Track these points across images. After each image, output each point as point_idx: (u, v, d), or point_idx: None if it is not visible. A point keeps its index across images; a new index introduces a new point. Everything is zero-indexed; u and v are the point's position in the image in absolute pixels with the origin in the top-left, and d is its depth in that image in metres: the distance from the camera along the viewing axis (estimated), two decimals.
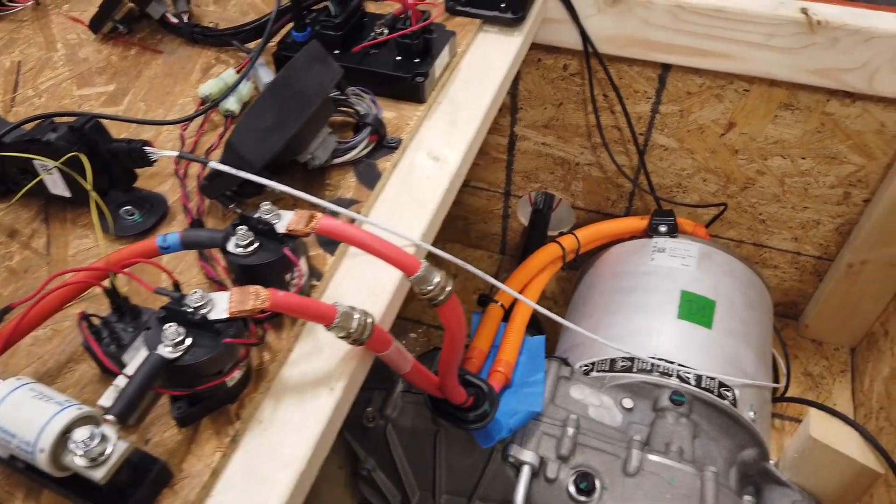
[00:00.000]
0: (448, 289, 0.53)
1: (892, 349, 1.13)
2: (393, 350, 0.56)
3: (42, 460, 0.40)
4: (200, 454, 0.47)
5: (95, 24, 0.84)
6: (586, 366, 0.93)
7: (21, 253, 0.61)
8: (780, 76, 0.99)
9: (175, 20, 0.83)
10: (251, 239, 0.51)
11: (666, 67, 1.05)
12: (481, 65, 0.82)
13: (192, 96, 0.76)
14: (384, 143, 0.70)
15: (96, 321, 0.50)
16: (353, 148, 0.67)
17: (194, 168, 0.68)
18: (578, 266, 1.16)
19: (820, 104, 1.02)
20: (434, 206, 0.66)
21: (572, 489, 0.78)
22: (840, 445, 0.84)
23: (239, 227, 0.51)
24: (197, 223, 0.62)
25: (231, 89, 0.68)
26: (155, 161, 0.60)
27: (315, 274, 0.58)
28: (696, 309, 0.96)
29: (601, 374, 0.91)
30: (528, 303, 0.73)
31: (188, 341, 0.45)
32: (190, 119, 0.69)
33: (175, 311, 0.46)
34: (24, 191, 0.58)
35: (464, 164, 0.72)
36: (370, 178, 0.67)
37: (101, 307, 0.54)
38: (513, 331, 0.91)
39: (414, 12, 0.74)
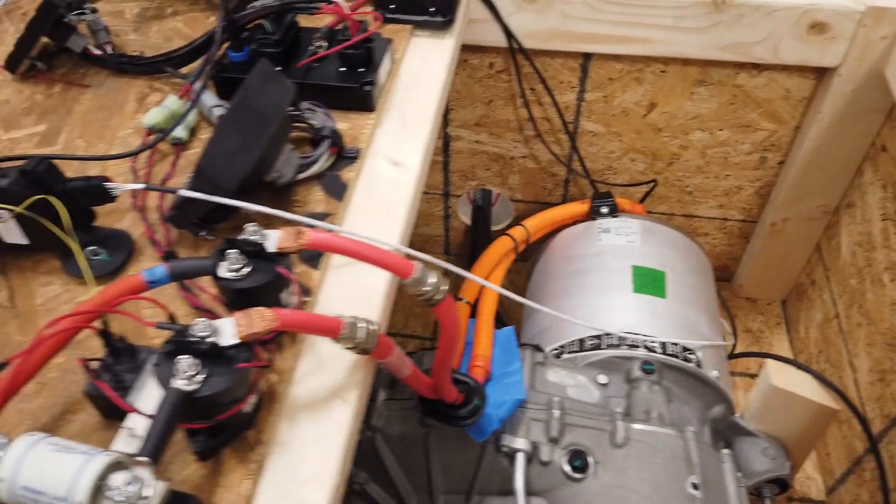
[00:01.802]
0: (444, 288, 0.54)
1: (821, 297, 1.22)
2: (395, 356, 0.56)
3: None
4: (229, 485, 0.46)
5: (11, 64, 0.79)
6: (556, 349, 0.96)
7: None
8: (692, 55, 1.05)
9: (98, 52, 0.80)
10: (244, 262, 0.50)
11: (587, 57, 1.10)
12: (420, 69, 0.83)
13: (131, 128, 0.73)
14: (343, 154, 0.69)
15: (94, 365, 0.47)
16: (314, 162, 0.67)
17: (151, 200, 0.65)
18: (528, 258, 1.19)
19: (730, 78, 1.09)
20: (405, 212, 0.67)
21: (567, 468, 0.80)
22: (799, 389, 0.90)
23: (229, 252, 0.50)
24: (170, 255, 0.59)
25: (183, 116, 0.66)
26: (116, 197, 0.57)
27: (303, 290, 0.58)
28: (649, 281, 1.00)
29: (572, 355, 0.93)
30: (504, 292, 0.74)
31: (203, 372, 0.44)
32: (145, 149, 0.66)
33: (182, 343, 0.45)
34: None
35: (424, 168, 0.73)
36: (337, 190, 0.67)
37: (86, 351, 0.52)
38: (483, 325, 0.92)
39: (353, 23, 0.74)
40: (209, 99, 0.73)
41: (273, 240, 0.51)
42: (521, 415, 0.83)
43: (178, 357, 0.43)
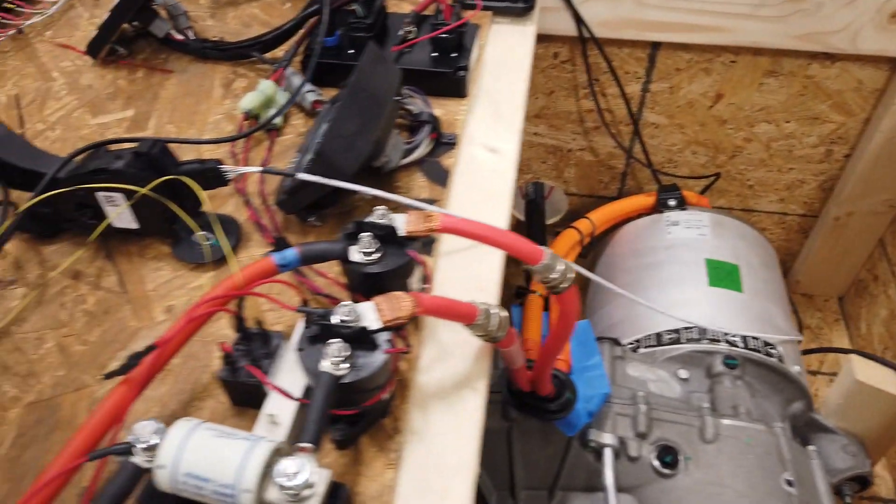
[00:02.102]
0: (571, 276, 0.52)
1: (886, 292, 1.20)
2: (517, 345, 0.54)
3: (247, 502, 0.36)
4: (371, 474, 0.44)
5: (94, 49, 0.78)
6: (631, 343, 0.94)
7: (94, 294, 0.55)
8: (766, 44, 1.03)
9: (180, 37, 0.79)
10: (376, 246, 0.48)
11: (656, 46, 1.08)
12: (505, 56, 0.81)
13: (220, 113, 0.72)
14: (442, 140, 0.68)
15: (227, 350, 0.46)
16: (416, 147, 0.65)
17: (252, 185, 0.64)
18: (586, 253, 1.17)
19: (802, 68, 1.07)
20: (508, 198, 0.65)
21: (656, 464, 0.78)
22: (884, 385, 0.88)
23: (362, 235, 0.48)
24: (280, 240, 0.58)
25: (292, 98, 0.66)
26: (230, 181, 0.56)
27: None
28: (724, 275, 0.98)
29: (649, 349, 0.92)
30: (607, 284, 0.72)
31: (351, 358, 0.42)
32: (251, 133, 0.65)
33: (326, 327, 0.43)
34: (104, 224, 0.53)
35: (518, 155, 0.71)
36: (439, 177, 0.65)
37: (205, 337, 0.50)
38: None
39: (447, 8, 0.73)
40: (299, 81, 0.71)
41: (400, 224, 0.50)
42: (606, 409, 0.82)
43: (329, 341, 0.42)
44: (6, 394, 0.49)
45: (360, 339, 0.43)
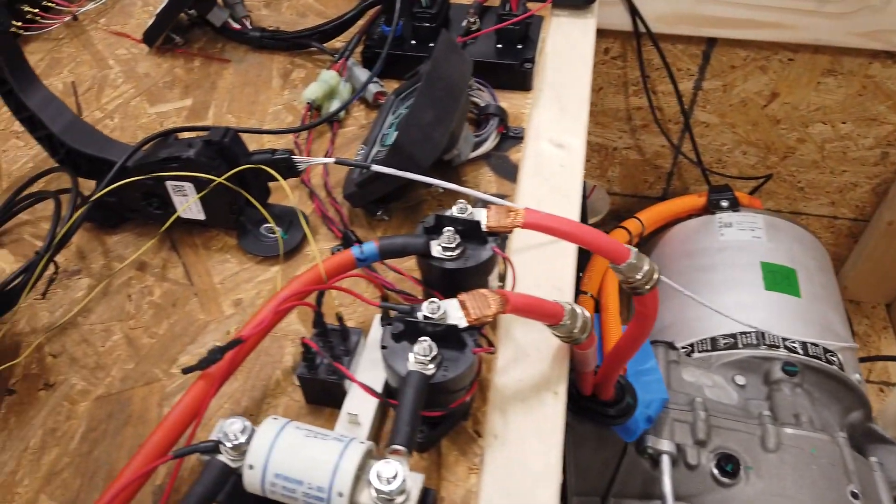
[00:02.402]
0: (655, 277, 0.50)
1: None
2: (595, 347, 0.52)
3: None
4: (455, 479, 0.43)
5: (150, 37, 0.77)
6: (684, 348, 0.91)
7: (160, 286, 0.54)
8: (827, 42, 1.00)
9: (237, 26, 0.77)
10: (457, 241, 0.46)
11: (711, 42, 1.05)
12: (566, 48, 0.79)
13: (280, 103, 0.70)
14: (509, 134, 0.66)
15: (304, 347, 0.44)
16: (484, 141, 0.63)
17: (315, 177, 0.62)
18: None
19: (862, 67, 1.04)
20: (578, 195, 0.63)
21: (716, 472, 0.76)
22: None
23: (446, 230, 0.46)
24: (348, 234, 0.56)
25: (362, 88, 0.64)
26: (301, 172, 0.54)
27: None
28: (781, 279, 0.95)
29: (703, 354, 0.89)
30: (673, 284, 0.70)
31: (439, 356, 0.40)
32: (319, 123, 0.64)
33: (411, 324, 0.41)
34: (176, 214, 0.52)
35: (584, 151, 0.69)
36: (507, 171, 0.63)
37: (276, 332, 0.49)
38: (611, 319, 0.88)
39: None
40: (362, 74, 0.69)
41: (481, 218, 0.48)
42: (663, 415, 0.79)
43: (419, 339, 0.40)
44: (74, 387, 0.48)
45: (447, 338, 0.41)
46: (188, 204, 0.53)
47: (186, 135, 0.55)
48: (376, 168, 0.52)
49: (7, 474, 0.44)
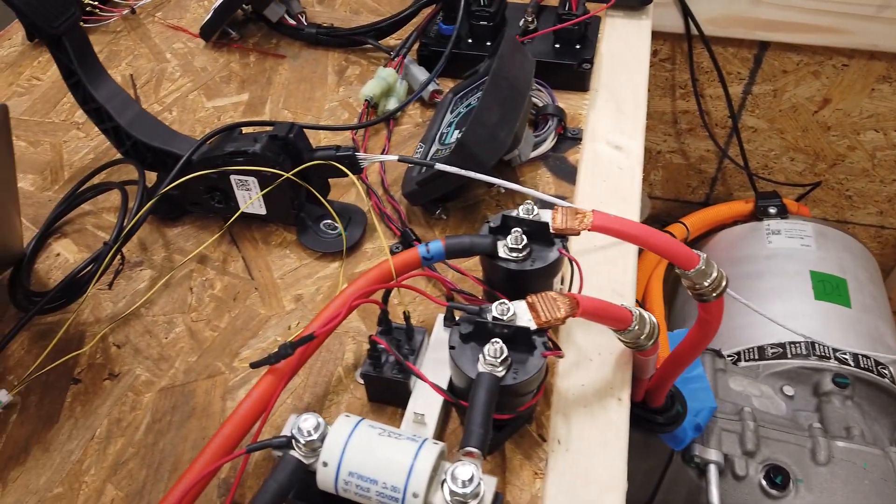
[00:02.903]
0: (723, 284, 0.49)
1: None
2: (656, 354, 0.51)
3: None
4: (520, 484, 0.42)
5: (207, 32, 0.77)
6: (731, 356, 0.90)
7: (221, 279, 0.54)
8: (884, 48, 0.98)
9: (293, 22, 0.78)
10: (524, 242, 0.46)
11: (763, 46, 1.04)
12: (622, 49, 0.78)
13: (336, 100, 0.71)
14: (567, 135, 0.65)
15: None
16: (543, 141, 0.63)
17: (372, 175, 0.62)
18: None
19: None
20: (637, 199, 0.62)
21: (765, 484, 0.74)
22: None
23: (513, 230, 0.46)
24: (406, 233, 0.56)
25: (424, 86, 0.64)
26: (364, 169, 0.54)
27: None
28: (831, 288, 0.93)
29: (751, 363, 0.88)
30: (733, 294, 0.69)
31: (509, 359, 0.40)
32: (380, 121, 0.64)
33: (482, 324, 0.41)
34: (242, 208, 0.52)
35: (643, 154, 0.68)
36: (566, 173, 0.63)
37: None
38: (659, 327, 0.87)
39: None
40: (419, 73, 0.69)
41: (551, 220, 0.47)
42: (711, 424, 0.78)
43: (491, 340, 0.40)
44: (139, 377, 0.48)
45: (516, 340, 0.41)
46: (253, 199, 0.53)
47: (250, 130, 0.55)
48: (440, 166, 0.52)
49: (74, 463, 0.44)
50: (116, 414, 0.46)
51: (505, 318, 0.41)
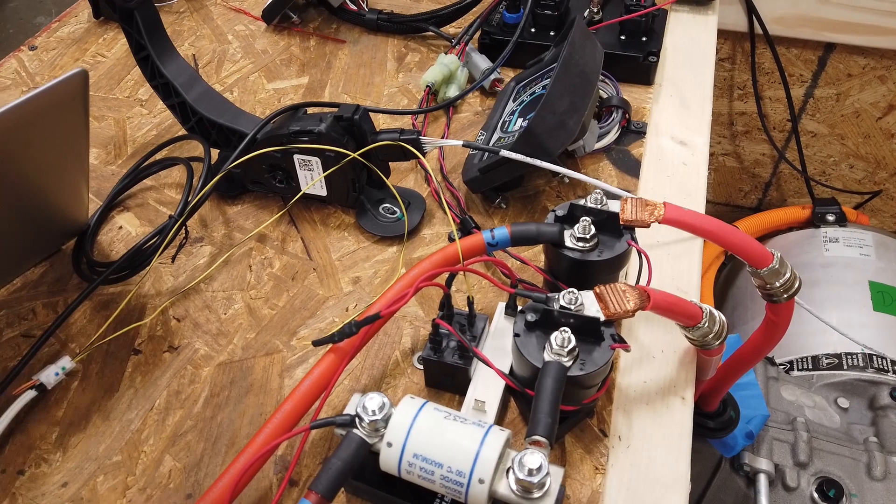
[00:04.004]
0: (796, 286, 0.47)
1: None
2: (720, 355, 0.50)
3: (479, 494, 0.33)
4: (581, 478, 0.41)
5: (269, 15, 0.78)
6: (783, 364, 0.88)
7: (280, 259, 0.54)
8: None
9: (354, 7, 0.77)
10: (592, 232, 0.45)
11: (829, 48, 1.00)
12: (687, 44, 0.76)
13: (395, 86, 0.70)
14: (631, 128, 0.64)
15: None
16: (607, 133, 0.61)
17: (430, 161, 0.62)
18: (728, 264, 1.11)
19: None
20: (702, 195, 0.61)
21: (817, 497, 0.72)
22: None
23: (582, 219, 0.45)
24: (466, 220, 0.55)
25: (486, 74, 0.64)
26: (427, 153, 0.54)
27: None
28: (890, 300, 0.90)
29: (804, 372, 0.85)
30: (801, 303, 0.67)
31: (576, 350, 0.39)
32: (443, 107, 0.64)
33: (549, 313, 0.40)
34: (305, 189, 0.52)
35: (708, 151, 0.66)
36: (629, 166, 0.61)
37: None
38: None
39: None
40: (481, 61, 0.68)
41: (620, 210, 0.46)
42: (763, 433, 0.76)
43: (560, 329, 0.39)
44: (198, 351, 0.49)
45: (583, 331, 0.40)
46: (316, 180, 0.53)
47: (315, 110, 0.55)
48: (505, 153, 0.51)
49: (133, 432, 0.44)
50: (175, 386, 0.47)
51: (573, 307, 0.40)
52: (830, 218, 1.02)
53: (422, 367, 0.46)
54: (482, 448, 0.34)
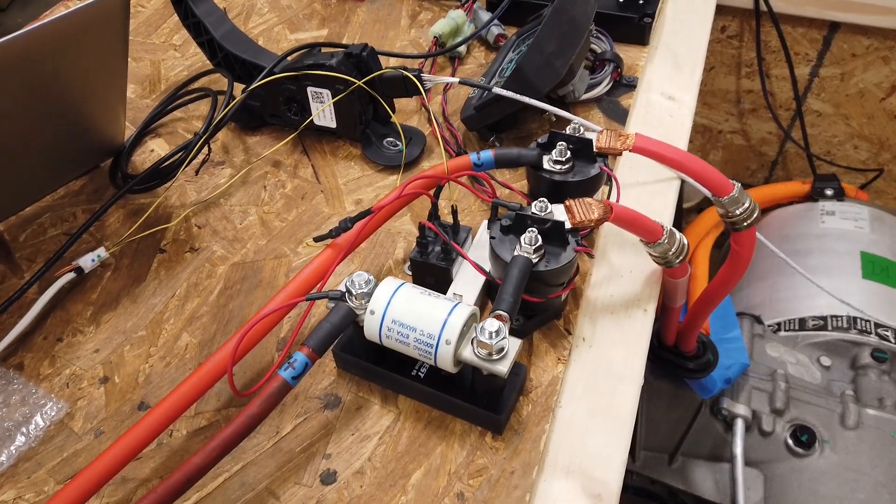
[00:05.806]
0: (756, 214, 0.52)
1: None
2: (686, 279, 0.54)
3: (446, 354, 0.39)
4: (544, 366, 0.46)
5: None
6: (771, 325, 0.91)
7: (291, 181, 0.60)
8: None
9: None
10: (567, 156, 0.50)
11: (834, 27, 1.04)
12: (685, 9, 0.80)
13: (407, 40, 0.76)
14: (622, 82, 0.69)
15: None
16: (598, 84, 0.66)
17: (434, 105, 0.67)
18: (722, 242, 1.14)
19: None
20: (685, 143, 0.65)
21: (790, 442, 0.76)
22: None
23: (559, 144, 0.50)
24: (463, 154, 0.61)
25: (482, 27, 0.69)
26: (429, 90, 0.59)
27: None
28: (880, 269, 0.94)
29: (791, 333, 0.89)
30: (781, 255, 0.71)
31: (542, 248, 0.44)
32: (442, 53, 0.69)
33: (522, 217, 0.45)
34: (311, 117, 0.58)
35: (694, 106, 0.71)
36: (617, 115, 0.66)
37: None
38: (699, 286, 0.90)
39: None
40: (485, 15, 0.74)
41: (595, 139, 0.51)
42: (742, 381, 0.80)
43: (528, 229, 0.44)
44: (215, 253, 0.55)
45: (552, 235, 0.45)
46: (324, 107, 0.59)
47: (328, 50, 0.61)
48: (497, 90, 0.56)
49: (157, 314, 0.51)
50: (194, 279, 0.53)
51: (542, 214, 0.46)
52: (829, 192, 1.05)
53: (411, 273, 0.52)
54: (450, 316, 0.40)
